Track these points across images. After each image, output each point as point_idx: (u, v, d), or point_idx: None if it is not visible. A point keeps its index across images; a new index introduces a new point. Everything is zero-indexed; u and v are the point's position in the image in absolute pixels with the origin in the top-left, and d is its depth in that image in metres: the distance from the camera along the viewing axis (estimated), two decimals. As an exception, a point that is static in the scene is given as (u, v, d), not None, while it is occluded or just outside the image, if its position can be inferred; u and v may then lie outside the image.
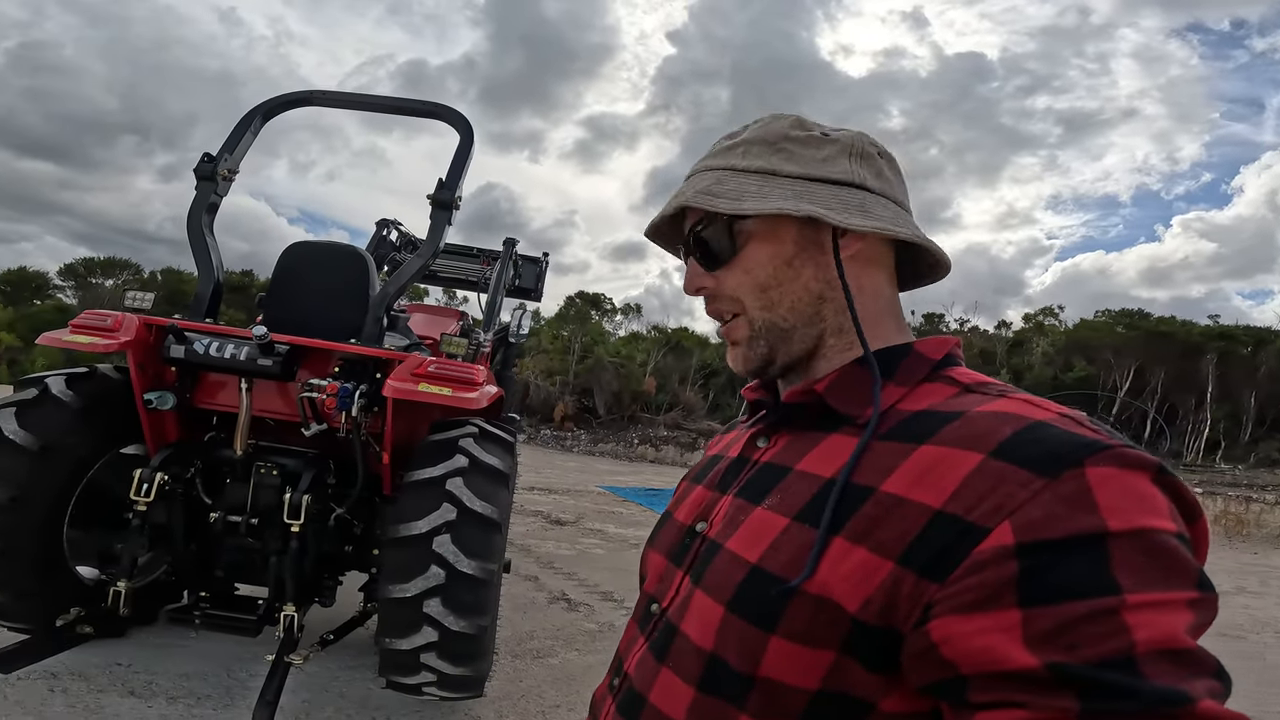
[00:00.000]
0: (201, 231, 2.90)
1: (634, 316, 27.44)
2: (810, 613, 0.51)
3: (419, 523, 2.30)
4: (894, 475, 0.52)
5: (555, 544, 6.40)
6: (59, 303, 23.67)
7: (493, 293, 4.81)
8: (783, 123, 0.68)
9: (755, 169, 0.65)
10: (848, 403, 0.61)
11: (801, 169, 0.65)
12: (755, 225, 0.65)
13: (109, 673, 2.75)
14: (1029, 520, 0.43)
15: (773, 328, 0.66)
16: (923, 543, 0.47)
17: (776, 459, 0.64)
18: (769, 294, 0.65)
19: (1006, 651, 0.41)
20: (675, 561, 0.67)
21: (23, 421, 2.43)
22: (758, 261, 0.66)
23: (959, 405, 0.55)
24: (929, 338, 0.65)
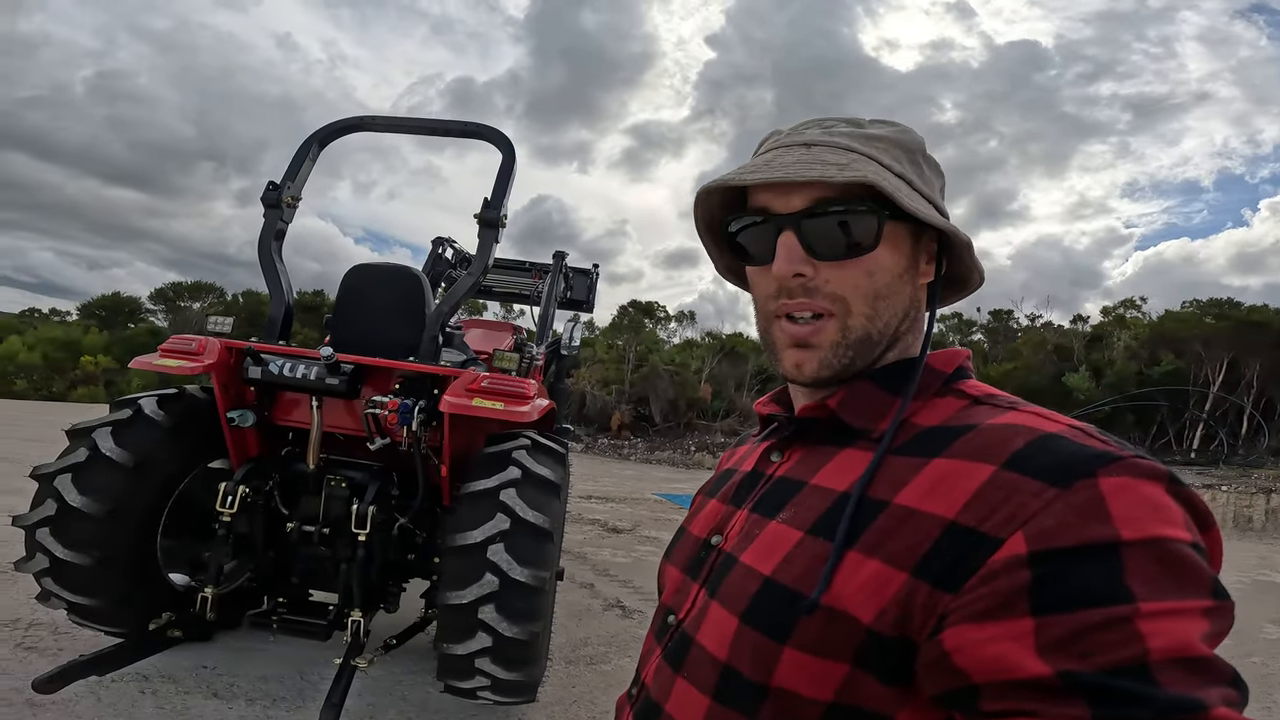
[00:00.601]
0: (271, 258, 3.07)
1: (688, 323, 27.39)
2: (823, 625, 0.52)
3: (474, 532, 2.39)
4: (907, 488, 0.53)
5: (611, 551, 6.47)
6: (151, 326, 25.42)
7: (544, 306, 4.93)
8: (915, 136, 0.67)
9: (897, 173, 0.62)
10: (861, 417, 0.62)
11: (928, 190, 0.65)
12: (884, 227, 0.60)
13: (195, 675, 2.95)
14: (1041, 529, 0.44)
15: (866, 339, 0.62)
16: (936, 554, 0.48)
17: (791, 473, 0.65)
18: (879, 303, 0.62)
19: (1018, 659, 0.41)
20: (691, 574, 0.68)
21: (119, 440, 2.62)
22: (884, 266, 0.61)
23: (970, 418, 0.56)
24: (940, 351, 0.66)
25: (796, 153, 0.61)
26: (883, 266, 0.61)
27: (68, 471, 2.54)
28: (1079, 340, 23.88)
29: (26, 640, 3.12)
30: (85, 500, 2.49)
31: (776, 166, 0.60)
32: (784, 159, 0.61)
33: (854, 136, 0.63)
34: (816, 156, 0.60)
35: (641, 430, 20.06)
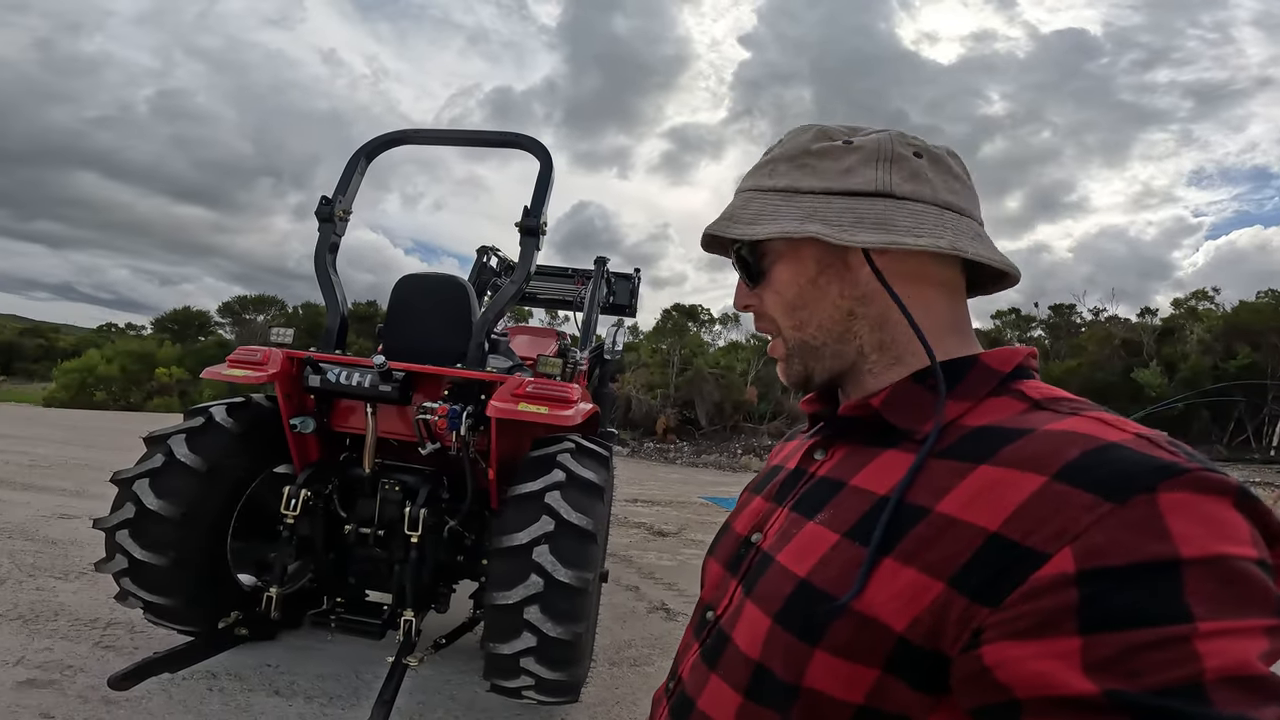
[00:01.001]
0: (327, 270, 3.18)
1: (732, 326, 27.16)
2: (854, 630, 0.51)
3: (520, 534, 2.45)
4: (949, 495, 0.51)
5: (657, 555, 6.48)
6: (220, 338, 26.72)
7: (587, 311, 4.99)
8: (805, 136, 0.67)
9: (780, 188, 0.65)
10: (905, 418, 0.60)
11: (822, 183, 0.63)
12: (781, 246, 0.66)
13: (259, 673, 3.08)
14: (1092, 546, 0.42)
15: (804, 346, 0.67)
16: (975, 566, 0.46)
17: (832, 473, 0.64)
18: (798, 314, 0.67)
19: (1064, 678, 0.40)
20: (730, 571, 0.68)
21: (192, 446, 2.77)
22: (784, 282, 0.67)
23: (1026, 422, 0.53)
24: (997, 349, 0.63)
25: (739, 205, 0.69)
26: (785, 282, 0.67)
27: (145, 476, 2.69)
28: (1148, 334, 22.70)
29: (105, 639, 3.30)
30: (162, 503, 2.64)
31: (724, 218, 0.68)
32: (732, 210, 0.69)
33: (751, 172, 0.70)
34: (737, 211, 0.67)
35: (687, 434, 20.00)
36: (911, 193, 0.62)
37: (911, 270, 0.64)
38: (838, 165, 0.64)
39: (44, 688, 2.79)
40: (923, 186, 0.63)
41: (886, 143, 0.64)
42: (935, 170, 0.64)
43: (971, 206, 0.65)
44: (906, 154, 0.63)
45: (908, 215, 0.61)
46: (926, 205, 0.62)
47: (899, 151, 0.63)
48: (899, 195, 0.62)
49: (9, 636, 3.22)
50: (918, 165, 0.63)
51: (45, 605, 3.64)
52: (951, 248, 0.60)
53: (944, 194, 0.63)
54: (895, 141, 0.64)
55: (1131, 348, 22.19)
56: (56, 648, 3.17)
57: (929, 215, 0.61)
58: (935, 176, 0.64)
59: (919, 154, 0.64)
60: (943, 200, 0.63)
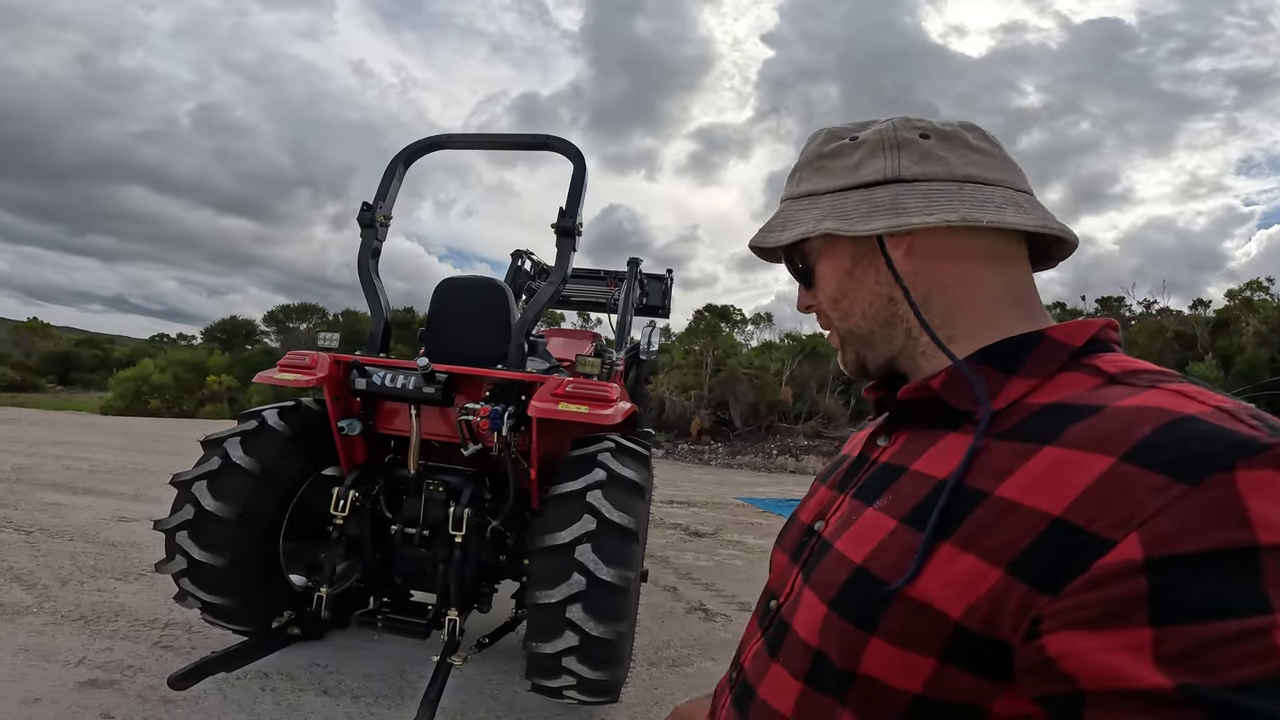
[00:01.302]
0: (370, 276, 3.25)
1: (765, 326, 26.93)
2: (908, 617, 0.51)
3: (562, 533, 2.46)
4: (1011, 479, 0.49)
5: (694, 556, 6.45)
6: (265, 346, 27.51)
7: (621, 313, 5.00)
8: (816, 141, 0.71)
9: (803, 193, 0.70)
10: (966, 399, 0.59)
11: (837, 181, 0.67)
12: (817, 245, 0.70)
13: (309, 672, 3.15)
14: (1161, 532, 0.40)
15: (851, 335, 0.71)
16: (1036, 552, 0.45)
17: (894, 458, 0.64)
18: (840, 305, 0.70)
19: (1134, 670, 0.39)
20: (793, 559, 0.69)
21: (246, 449, 2.85)
22: (825, 278, 0.71)
23: (1097, 398, 0.51)
24: (1067, 322, 0.61)
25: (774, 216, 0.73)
26: (825, 278, 0.70)
27: (203, 479, 2.78)
28: (1202, 326, 21.79)
29: (163, 639, 3.41)
30: (219, 505, 2.72)
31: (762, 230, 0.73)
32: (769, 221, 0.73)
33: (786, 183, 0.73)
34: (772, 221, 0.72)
35: (721, 435, 19.88)
36: (922, 173, 0.63)
37: (946, 248, 0.63)
38: (848, 162, 0.66)
39: (105, 688, 2.90)
40: (935, 165, 0.63)
41: (889, 131, 0.65)
42: (948, 147, 0.64)
43: (1001, 175, 0.64)
44: (912, 137, 0.64)
45: (919, 196, 0.61)
46: (941, 183, 0.62)
47: (904, 137, 0.64)
48: (908, 178, 0.63)
49: (71, 637, 3.36)
50: (926, 146, 0.63)
51: (106, 606, 3.79)
52: (962, 219, 0.59)
53: (961, 168, 0.63)
54: (899, 128, 0.65)
55: (1185, 341, 21.32)
56: (117, 648, 3.29)
57: (943, 192, 0.61)
58: (949, 153, 0.63)
59: (926, 135, 0.64)
60: (960, 174, 0.62)
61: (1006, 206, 0.61)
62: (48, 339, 37.37)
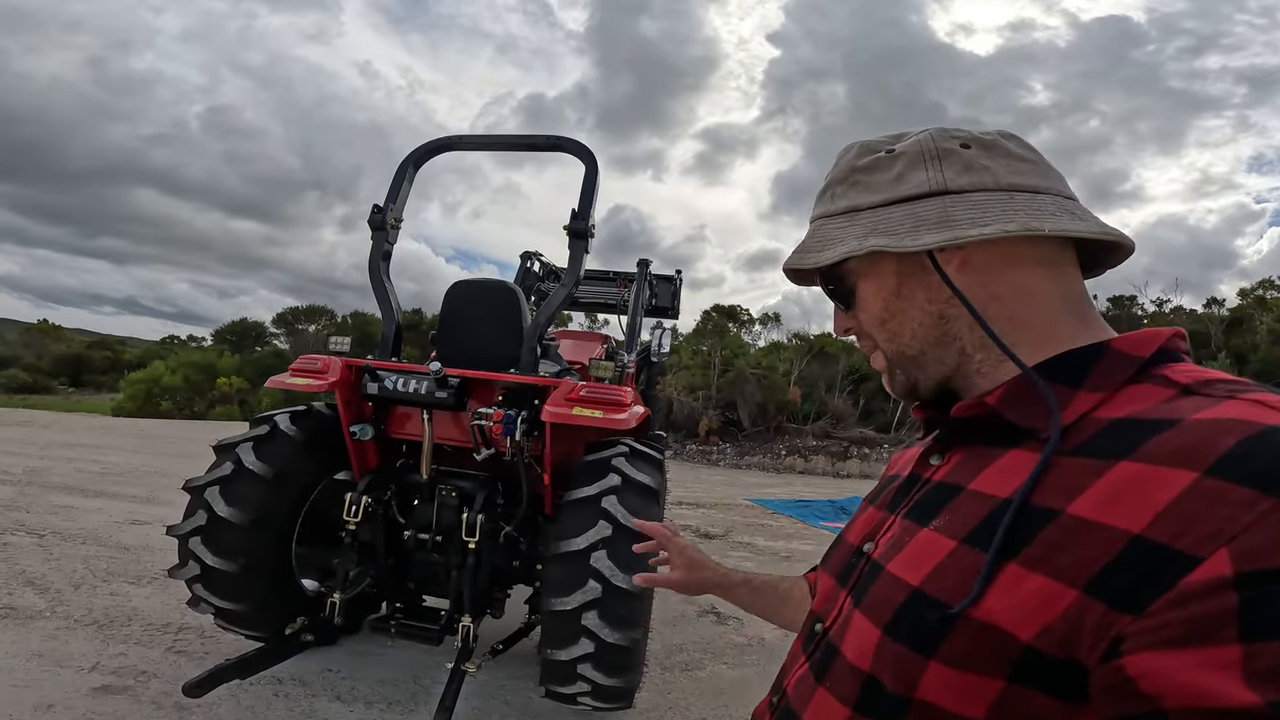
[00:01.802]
0: (381, 278, 3.23)
1: (773, 326, 26.86)
2: (972, 640, 0.49)
3: (578, 539, 2.43)
4: (1083, 496, 0.48)
5: (707, 558, 6.41)
6: (275, 348, 27.63)
7: (632, 314, 4.98)
8: (850, 154, 0.68)
9: (840, 210, 0.66)
10: (1028, 415, 0.57)
11: (878, 196, 0.64)
12: (858, 264, 0.67)
13: (322, 678, 3.13)
14: (1253, 547, 0.39)
15: (901, 356, 0.67)
16: (1115, 571, 0.43)
17: (948, 478, 0.62)
18: (888, 326, 0.67)
19: (1223, 689, 0.37)
20: (841, 582, 0.67)
21: (259, 454, 2.83)
22: (869, 298, 0.68)
23: (1172, 411, 0.49)
24: (1133, 332, 0.59)
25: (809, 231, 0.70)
26: (869, 298, 0.67)
27: (216, 484, 2.77)
28: (1215, 325, 21.60)
29: (177, 644, 3.41)
30: (232, 510, 2.71)
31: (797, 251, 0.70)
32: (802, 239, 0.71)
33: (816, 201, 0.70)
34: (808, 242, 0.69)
35: (730, 435, 19.83)
36: (970, 184, 0.61)
37: (999, 260, 0.61)
38: (887, 175, 0.64)
39: (119, 694, 2.89)
40: (981, 175, 0.61)
41: (928, 141, 0.63)
42: (990, 156, 0.62)
43: (1047, 182, 0.62)
44: (953, 147, 0.62)
45: (969, 207, 0.59)
46: (990, 193, 0.60)
47: (944, 147, 0.63)
48: (955, 190, 0.61)
49: (84, 642, 3.36)
50: (969, 156, 0.62)
51: (119, 610, 3.79)
52: (1023, 228, 0.57)
53: (1008, 177, 0.61)
54: (937, 138, 0.64)
55: (1198, 339, 21.14)
56: (130, 653, 3.28)
57: (994, 202, 0.59)
58: (992, 162, 0.62)
59: (966, 144, 0.63)
60: (1007, 183, 0.61)
61: (1061, 214, 0.59)
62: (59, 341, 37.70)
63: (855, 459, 17.47)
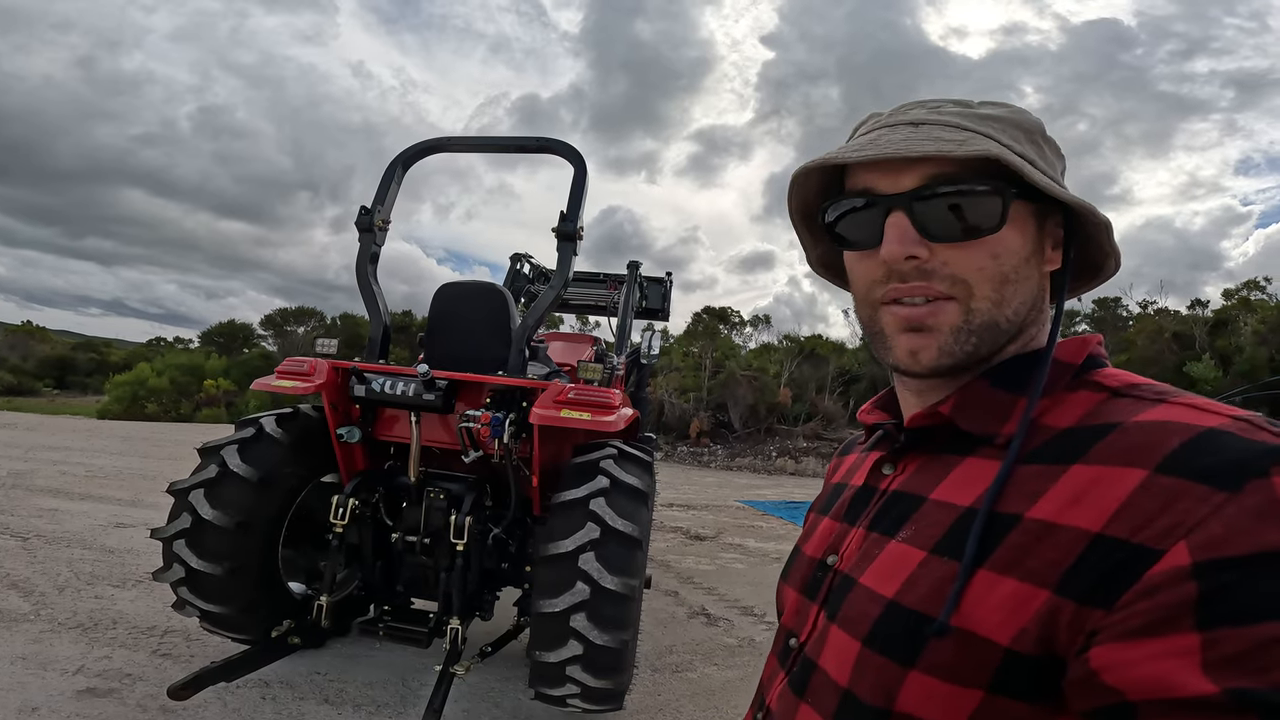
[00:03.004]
0: (369, 280, 3.21)
1: (764, 327, 26.90)
2: (955, 648, 0.49)
3: (565, 541, 2.44)
4: (1042, 500, 0.49)
5: (695, 559, 6.43)
6: (263, 350, 27.40)
7: (621, 316, 4.99)
8: (1034, 118, 0.62)
9: (1018, 152, 0.57)
10: (980, 423, 0.58)
11: (1050, 171, 0.60)
12: (1016, 210, 0.57)
13: (310, 681, 3.12)
14: (1209, 538, 0.40)
15: (992, 326, 0.58)
16: (1082, 569, 0.44)
17: (907, 487, 0.62)
18: (1006, 288, 0.57)
19: (1180, 678, 0.38)
20: (809, 596, 0.67)
21: (244, 457, 2.82)
22: (1010, 249, 0.57)
23: (1110, 415, 0.51)
24: (1065, 340, 0.60)
25: (904, 131, 0.58)
26: (1009, 249, 0.57)
27: (200, 487, 2.75)
28: (1200, 326, 21.83)
29: (162, 647, 3.38)
30: (216, 513, 2.70)
31: (883, 144, 0.57)
32: (890, 136, 0.58)
33: (965, 115, 0.59)
34: (928, 134, 0.56)
35: (721, 437, 19.86)
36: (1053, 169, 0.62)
37: None
38: (1059, 164, 0.63)
39: (104, 696, 2.87)
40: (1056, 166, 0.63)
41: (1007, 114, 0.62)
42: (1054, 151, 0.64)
43: None
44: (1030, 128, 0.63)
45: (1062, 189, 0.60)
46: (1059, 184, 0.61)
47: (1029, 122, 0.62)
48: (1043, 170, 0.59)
49: (69, 645, 3.33)
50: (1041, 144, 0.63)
51: (104, 613, 3.76)
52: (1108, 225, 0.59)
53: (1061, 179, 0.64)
54: None
55: (1183, 341, 21.37)
56: (115, 656, 3.26)
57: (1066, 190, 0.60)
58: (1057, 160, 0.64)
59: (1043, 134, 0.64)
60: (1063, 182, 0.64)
61: None
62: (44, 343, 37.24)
63: (842, 462, 17.49)
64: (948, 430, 0.60)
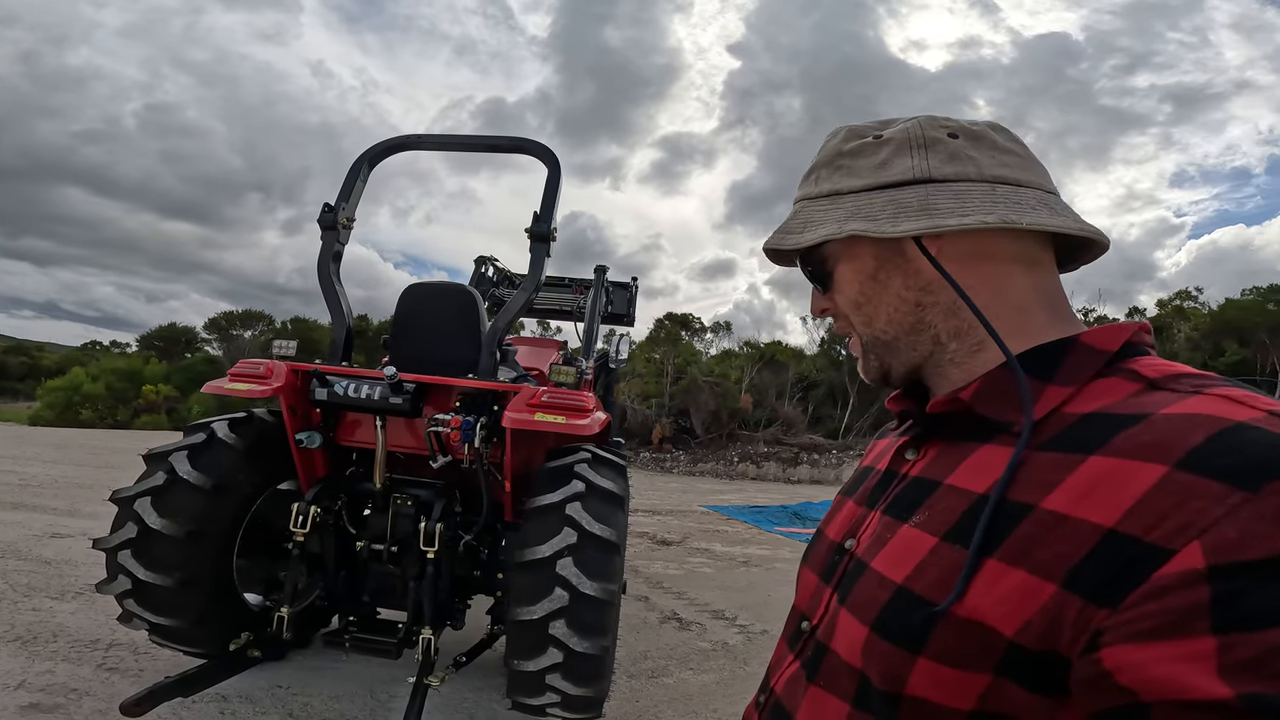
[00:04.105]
0: (331, 280, 3.09)
1: (724, 334, 27.18)
2: (959, 636, 0.49)
3: (542, 547, 2.38)
4: (1057, 490, 0.48)
5: (663, 564, 6.41)
6: (206, 355, 26.33)
7: (589, 320, 4.95)
8: (836, 139, 0.68)
9: (824, 193, 0.66)
10: (1000, 409, 0.57)
11: (861, 181, 0.63)
12: (837, 248, 0.66)
13: (271, 695, 2.99)
14: (1223, 540, 0.39)
15: (876, 341, 0.67)
16: (1091, 565, 0.43)
17: (925, 472, 0.62)
18: (863, 310, 0.67)
19: (1195, 681, 0.38)
20: (824, 579, 0.66)
21: (195, 463, 2.68)
22: (846, 281, 0.67)
23: (1140, 406, 0.49)
24: (1101, 326, 0.59)
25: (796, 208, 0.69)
26: (847, 281, 0.67)
27: (147, 495, 2.60)
28: (1135, 335, 22.97)
29: (108, 661, 3.21)
30: (165, 522, 2.55)
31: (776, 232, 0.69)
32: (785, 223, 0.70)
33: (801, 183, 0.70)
34: (790, 223, 0.68)
35: (683, 443, 19.94)
36: (954, 174, 0.60)
37: (974, 251, 0.61)
38: (872, 161, 0.64)
39: (49, 712, 2.70)
40: (965, 166, 0.61)
41: (916, 129, 0.63)
42: (976, 147, 0.62)
43: (1030, 176, 0.62)
44: (940, 136, 0.62)
45: (950, 197, 0.59)
46: (972, 183, 0.60)
47: (931, 135, 0.62)
48: (939, 178, 0.60)
49: (8, 659, 3.12)
50: (955, 146, 0.61)
51: (43, 626, 3.54)
52: (1001, 221, 0.57)
53: (992, 169, 0.61)
54: (926, 126, 0.63)
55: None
56: (58, 670, 3.07)
57: (975, 193, 0.59)
58: (978, 154, 0.61)
59: (954, 134, 0.62)
60: (991, 175, 0.60)
61: (1041, 209, 0.59)
62: (-31, 346, 35.12)
63: (806, 465, 17.81)
64: (969, 416, 0.60)
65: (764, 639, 4.40)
